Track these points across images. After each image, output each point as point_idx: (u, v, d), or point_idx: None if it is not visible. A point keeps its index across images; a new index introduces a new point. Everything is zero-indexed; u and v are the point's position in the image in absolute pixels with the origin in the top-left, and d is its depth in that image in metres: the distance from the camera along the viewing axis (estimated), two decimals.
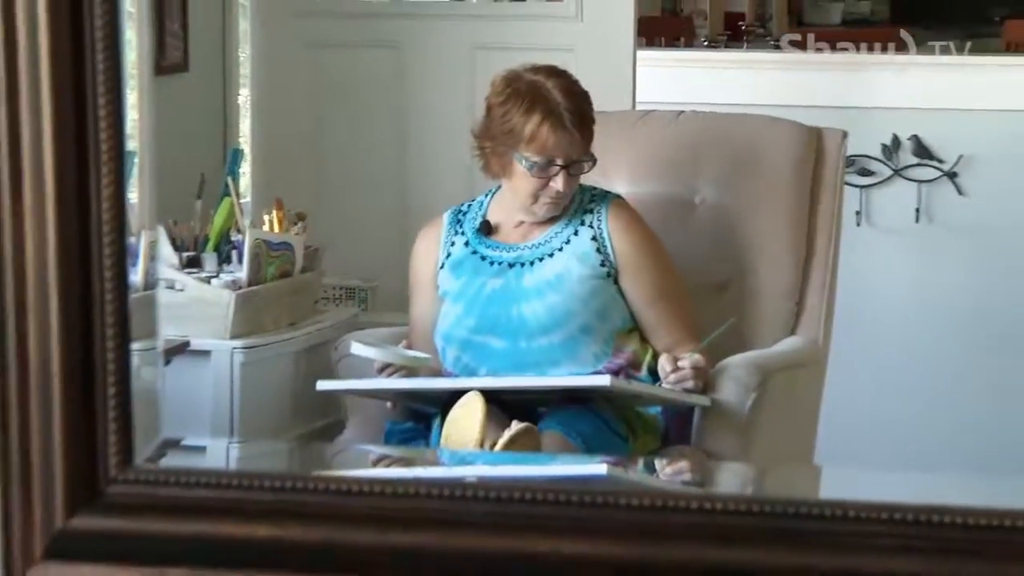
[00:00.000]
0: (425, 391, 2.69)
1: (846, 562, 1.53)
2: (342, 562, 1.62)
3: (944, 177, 2.39)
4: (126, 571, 1.68)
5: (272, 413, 2.33)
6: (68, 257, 1.61)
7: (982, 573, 1.51)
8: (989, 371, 2.15)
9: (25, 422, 1.64)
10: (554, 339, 2.65)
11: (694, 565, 1.53)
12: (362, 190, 2.31)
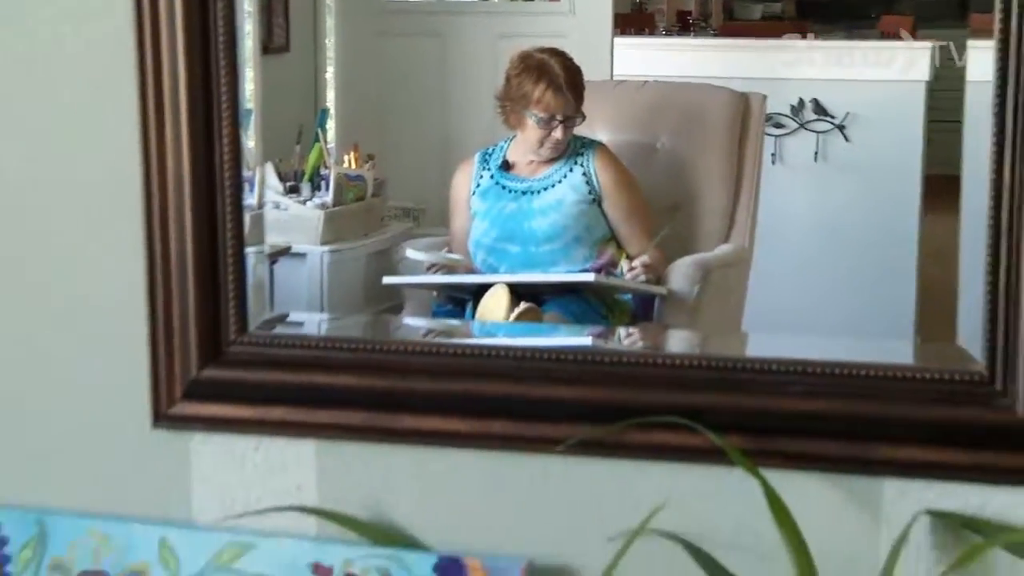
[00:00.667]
0: (461, 284, 2.72)
1: (767, 403, 1.52)
2: (401, 403, 1.62)
3: (835, 129, 2.40)
4: (241, 409, 1.69)
5: (351, 299, 2.35)
6: (199, 182, 1.65)
7: (864, 409, 1.50)
8: (864, 267, 2.17)
9: (168, 301, 1.65)
10: (554, 246, 2.67)
11: (655, 405, 1.52)
12: (415, 138, 2.33)
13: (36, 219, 1.75)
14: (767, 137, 1.71)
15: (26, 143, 1.73)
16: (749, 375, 1.56)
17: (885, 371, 1.53)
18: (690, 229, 1.66)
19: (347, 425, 1.68)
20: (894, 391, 1.52)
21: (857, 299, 1.70)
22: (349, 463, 1.69)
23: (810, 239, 1.65)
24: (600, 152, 2.04)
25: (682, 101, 2.47)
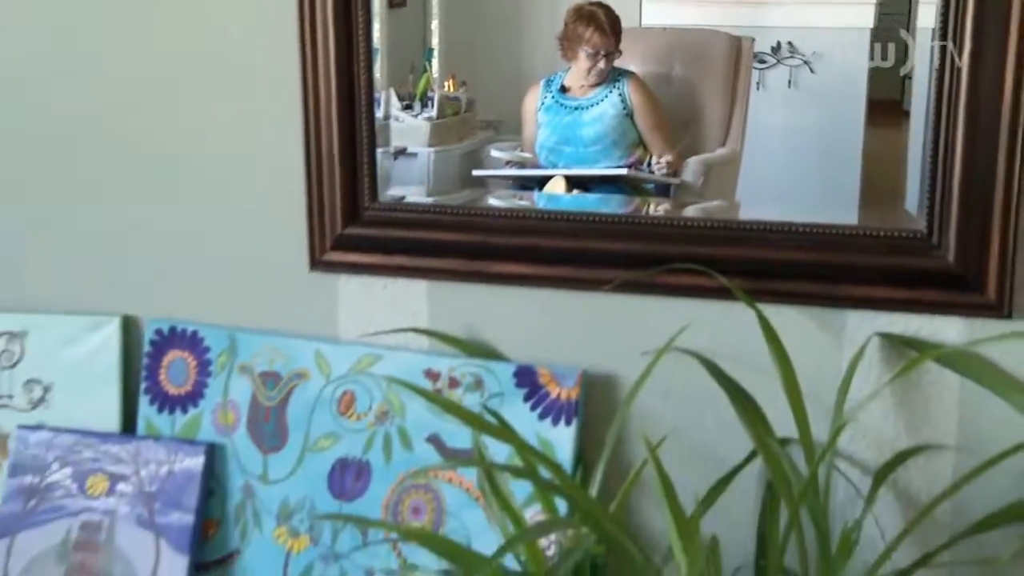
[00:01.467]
0: (530, 175, 2.68)
1: (760, 253, 1.50)
2: (489, 253, 1.60)
3: (803, 64, 2.33)
4: (372, 257, 1.69)
5: (449, 186, 2.31)
6: (343, 98, 1.65)
7: (833, 258, 1.48)
8: (823, 164, 2.10)
9: (320, 181, 1.66)
10: (598, 148, 2.62)
11: (678, 255, 1.50)
12: (497, 69, 2.27)
13: (234, 117, 1.74)
14: (754, 70, 1.67)
15: (222, 72, 1.73)
16: (746, 232, 1.53)
17: (850, 230, 1.50)
18: (697, 137, 1.64)
19: (449, 269, 1.66)
20: (856, 244, 1.49)
21: (817, 186, 1.68)
22: (451, 297, 1.67)
23: (784, 144, 1.63)
24: (632, 79, 1.99)
25: (692, 42, 2.42)
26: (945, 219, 1.43)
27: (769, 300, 1.48)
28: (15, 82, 1.80)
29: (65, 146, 1.80)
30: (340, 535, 1.67)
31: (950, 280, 1.44)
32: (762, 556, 1.45)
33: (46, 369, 1.80)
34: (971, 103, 1.38)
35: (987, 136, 1.38)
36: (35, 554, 1.74)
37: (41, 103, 1.80)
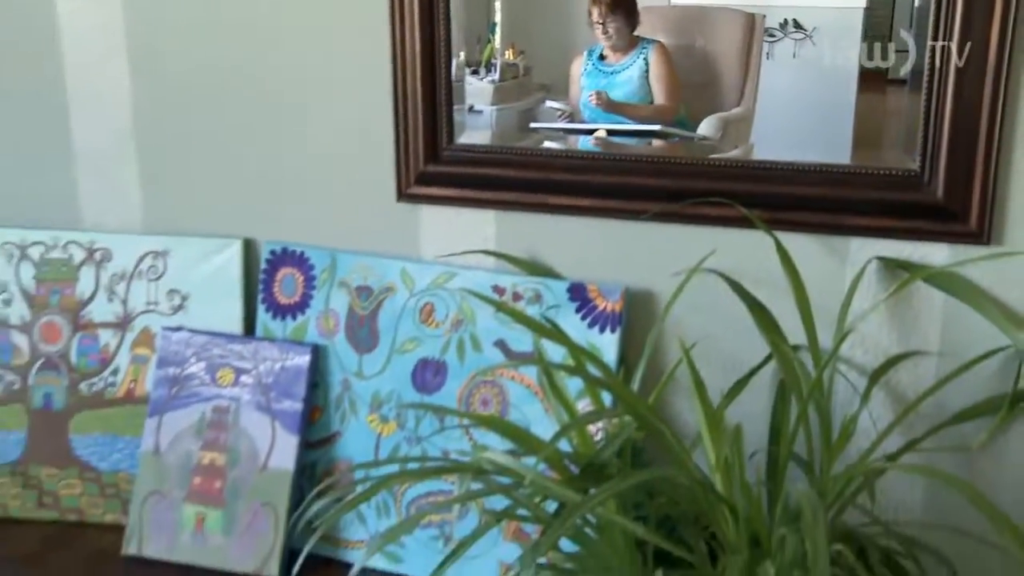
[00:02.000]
0: (577, 129, 2.64)
1: (776, 188, 1.50)
2: (546, 187, 1.60)
3: (806, 38, 2.27)
4: (449, 191, 1.67)
5: (510, 137, 2.28)
6: (424, 61, 1.63)
7: (839, 193, 1.47)
8: (822, 122, 2.03)
9: (407, 126, 1.65)
10: (632, 102, 2.59)
11: (707, 190, 1.48)
12: (549, 40, 2.22)
13: (336, 77, 1.73)
14: (764, 43, 1.63)
15: (327, 39, 1.72)
16: (764, 171, 1.51)
17: (855, 168, 1.47)
18: (716, 98, 1.60)
19: (513, 201, 1.64)
20: (859, 181, 1.46)
21: (817, 137, 1.64)
22: (514, 224, 1.65)
23: (789, 104, 1.58)
24: (656, 46, 1.94)
25: (712, 19, 2.35)
26: (935, 161, 1.40)
27: (783, 228, 1.46)
28: (167, 46, 1.81)
29: (203, 99, 1.80)
30: (421, 422, 1.68)
31: (938, 212, 1.42)
32: (774, 443, 1.44)
33: (184, 282, 1.82)
34: (959, 72, 1.37)
35: (972, 94, 1.36)
36: (179, 430, 1.77)
37: (186, 63, 1.80)
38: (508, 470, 1.29)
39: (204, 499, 1.72)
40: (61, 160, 1.89)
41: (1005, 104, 1.34)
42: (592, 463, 1.31)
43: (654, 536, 1.24)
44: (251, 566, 1.69)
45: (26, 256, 1.86)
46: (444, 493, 1.63)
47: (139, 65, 1.82)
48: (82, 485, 1.84)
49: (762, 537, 1.24)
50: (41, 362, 1.86)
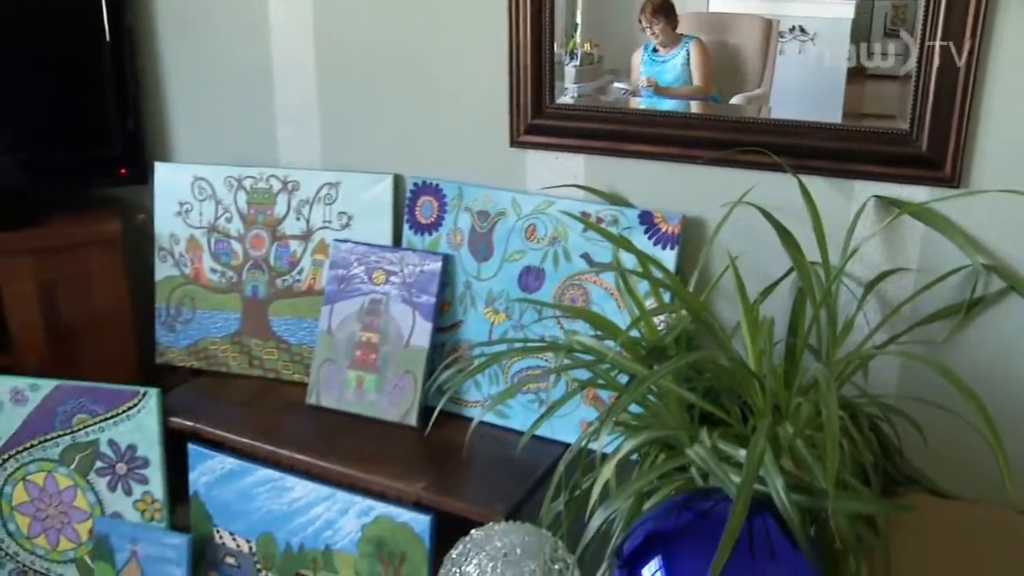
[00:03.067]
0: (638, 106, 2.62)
1: (798, 140, 1.46)
2: (624, 136, 1.61)
3: (809, 40, 2.21)
4: (550, 139, 1.66)
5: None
6: (533, 44, 1.62)
7: (847, 146, 1.43)
8: (817, 104, 1.98)
9: (519, 90, 1.66)
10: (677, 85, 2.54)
11: (746, 141, 1.45)
12: (617, 37, 2.17)
13: (466, 53, 1.72)
14: (778, 42, 1.58)
15: (458, 24, 1.71)
16: (793, 127, 1.49)
17: (861, 128, 1.46)
18: (741, 81, 1.55)
19: (598, 147, 1.64)
20: (864, 138, 1.45)
21: (815, 113, 1.60)
22: (599, 165, 1.66)
23: (795, 89, 1.53)
24: (696, 41, 1.90)
25: (739, 22, 2.29)
26: (921, 123, 1.40)
27: (805, 172, 1.47)
28: (342, 30, 1.83)
29: (367, 68, 1.83)
30: (524, 314, 1.71)
31: (922, 162, 1.41)
32: (791, 335, 1.47)
33: (350, 205, 1.85)
34: (941, 62, 1.36)
35: (950, 78, 1.36)
36: (345, 316, 1.81)
37: (356, 42, 1.83)
38: (592, 349, 1.31)
39: (363, 366, 1.75)
40: (266, 115, 1.93)
41: (975, 86, 1.34)
42: (656, 347, 1.33)
43: (702, 401, 1.26)
44: (396, 416, 1.74)
45: (241, 186, 1.89)
46: (540, 367, 1.65)
47: (321, 45, 1.86)
48: (278, 353, 1.89)
49: (782, 405, 1.26)
50: (250, 263, 1.90)
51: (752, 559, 1.05)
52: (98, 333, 1.95)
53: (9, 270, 1.84)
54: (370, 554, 1.59)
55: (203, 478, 1.74)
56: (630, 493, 1.26)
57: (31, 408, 1.77)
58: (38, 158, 1.93)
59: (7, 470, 1.80)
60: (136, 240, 2.02)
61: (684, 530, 1.13)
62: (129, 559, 1.75)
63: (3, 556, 1.85)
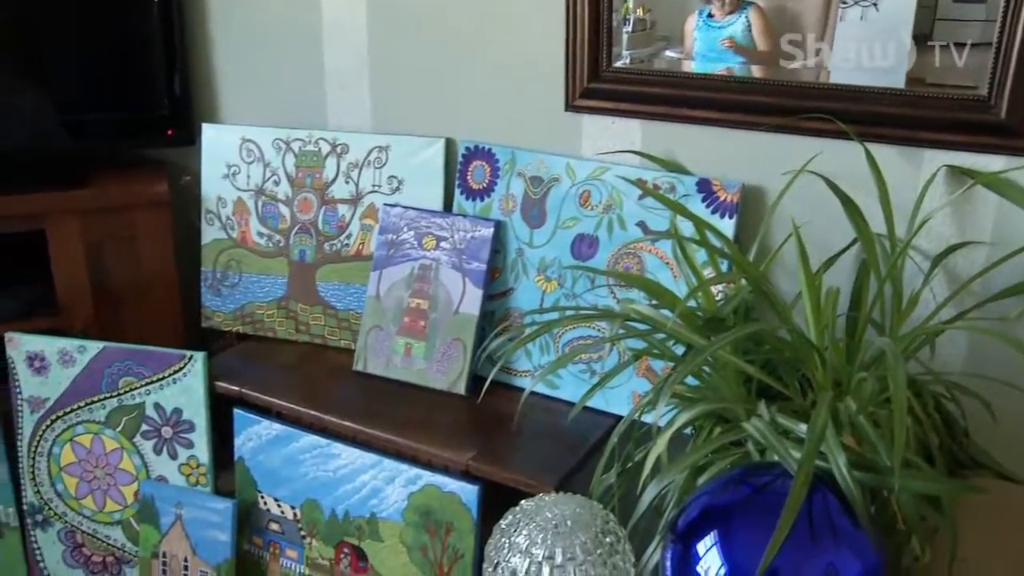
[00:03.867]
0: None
1: (865, 107, 1.44)
2: (682, 102, 1.60)
3: (872, 5, 2.18)
4: (605, 103, 1.65)
5: None
6: (590, 6, 1.53)
7: (917, 113, 1.41)
8: (875, 73, 1.93)
9: (575, 54, 1.65)
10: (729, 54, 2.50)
11: (810, 107, 1.43)
12: (670, 3, 2.14)
13: (523, 17, 1.72)
14: (840, 8, 1.54)
15: None
16: (858, 93, 1.46)
17: (934, 93, 1.42)
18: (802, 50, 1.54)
19: (655, 112, 1.63)
20: (936, 104, 1.42)
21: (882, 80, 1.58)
22: (656, 131, 1.65)
23: (855, 53, 1.49)
24: (754, 8, 1.87)
25: None
26: (1001, 88, 1.36)
27: (870, 140, 1.44)
28: None
29: (418, 30, 1.83)
30: (577, 282, 1.69)
31: (1000, 129, 1.38)
32: (853, 309, 1.43)
33: (400, 169, 1.86)
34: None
35: None
36: (394, 281, 1.82)
37: (407, 4, 1.76)
38: (649, 318, 1.30)
39: (411, 333, 1.76)
40: (316, 77, 1.94)
41: None
42: (714, 317, 1.32)
43: (761, 374, 1.25)
44: (444, 384, 1.75)
45: (290, 148, 1.91)
46: (592, 338, 1.64)
47: (372, 5, 1.87)
48: (325, 318, 1.91)
49: (843, 380, 1.25)
50: (298, 227, 1.92)
51: (812, 537, 1.05)
52: (144, 296, 1.98)
53: (57, 231, 1.88)
54: (416, 523, 1.61)
55: (248, 443, 1.77)
56: (684, 466, 1.26)
57: (78, 370, 1.81)
58: (86, 119, 1.96)
59: (55, 431, 1.85)
60: (182, 202, 2.05)
61: (741, 505, 1.13)
62: (174, 522, 1.79)
63: (52, 516, 1.89)
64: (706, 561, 1.08)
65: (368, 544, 1.67)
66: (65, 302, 1.91)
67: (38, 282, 1.91)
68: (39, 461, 1.87)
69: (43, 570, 1.93)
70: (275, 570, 1.79)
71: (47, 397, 1.83)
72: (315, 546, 1.74)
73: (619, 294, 1.64)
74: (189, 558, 1.79)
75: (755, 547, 1.03)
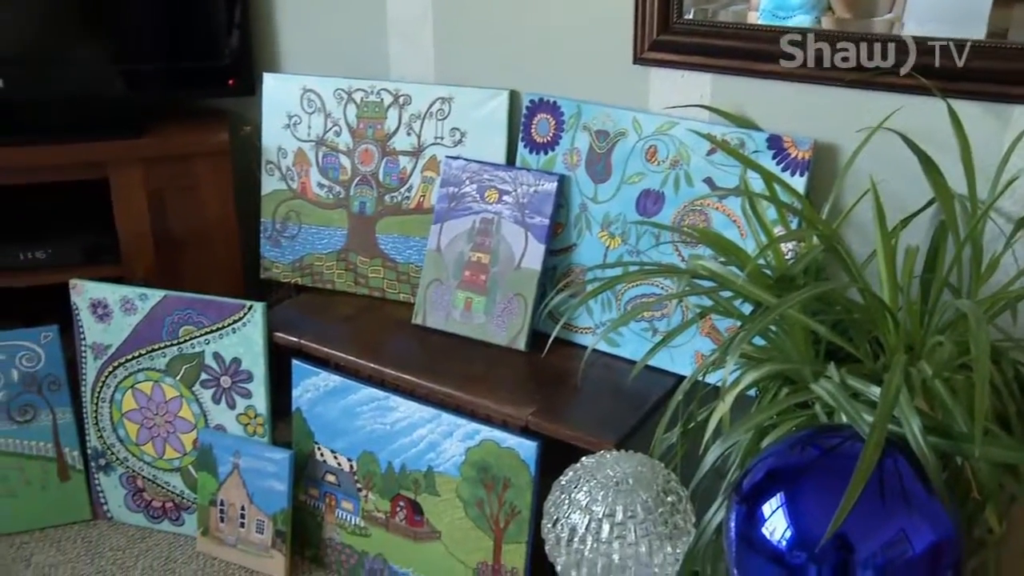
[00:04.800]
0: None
1: (946, 61, 1.38)
2: (756, 56, 1.54)
3: None
4: (675, 56, 1.61)
5: None
6: None
7: (1004, 67, 1.34)
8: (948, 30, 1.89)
9: (644, 4, 1.63)
10: (799, 11, 2.45)
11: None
12: None
13: None
14: None
15: None
16: (941, 46, 1.40)
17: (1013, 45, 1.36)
18: (872, 5, 1.48)
19: (726, 66, 1.59)
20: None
21: None
22: (726, 85, 1.61)
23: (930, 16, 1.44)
24: None
25: None
26: None
27: (954, 95, 1.38)
28: None
29: None
30: (641, 239, 1.67)
31: None
32: (928, 271, 1.38)
33: (463, 122, 1.85)
34: None
35: None
36: (455, 235, 1.82)
37: None
38: (717, 275, 1.29)
39: (471, 287, 1.76)
40: (378, 28, 1.94)
41: None
42: (784, 275, 1.30)
43: (832, 335, 1.23)
44: (504, 340, 1.76)
45: (351, 99, 1.91)
46: (654, 295, 1.63)
47: None
48: (384, 271, 1.92)
49: (916, 344, 1.22)
50: (359, 178, 1.92)
51: (882, 502, 1.03)
52: (204, 245, 2.00)
53: (120, 179, 1.90)
54: (473, 478, 1.62)
55: (306, 395, 1.79)
56: (749, 427, 1.25)
57: (139, 318, 1.84)
58: (148, 69, 1.98)
59: (117, 377, 1.88)
60: (243, 153, 2.06)
61: (809, 467, 1.11)
62: (231, 471, 1.82)
63: (114, 460, 1.94)
64: (771, 523, 1.07)
65: (424, 498, 1.69)
66: (127, 250, 1.94)
67: (101, 230, 1.95)
68: (102, 407, 1.91)
69: (106, 512, 1.98)
70: (330, 521, 1.82)
71: (109, 344, 1.87)
72: (371, 499, 1.76)
73: (684, 252, 1.62)
74: (246, 507, 1.82)
75: (822, 510, 1.02)
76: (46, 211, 2.05)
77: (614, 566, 1.17)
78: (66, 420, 1.91)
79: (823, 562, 1.03)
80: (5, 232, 1.97)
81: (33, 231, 1.97)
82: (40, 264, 1.91)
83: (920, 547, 1.02)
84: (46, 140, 1.86)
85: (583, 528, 1.17)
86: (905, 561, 1.02)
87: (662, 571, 1.18)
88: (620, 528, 1.17)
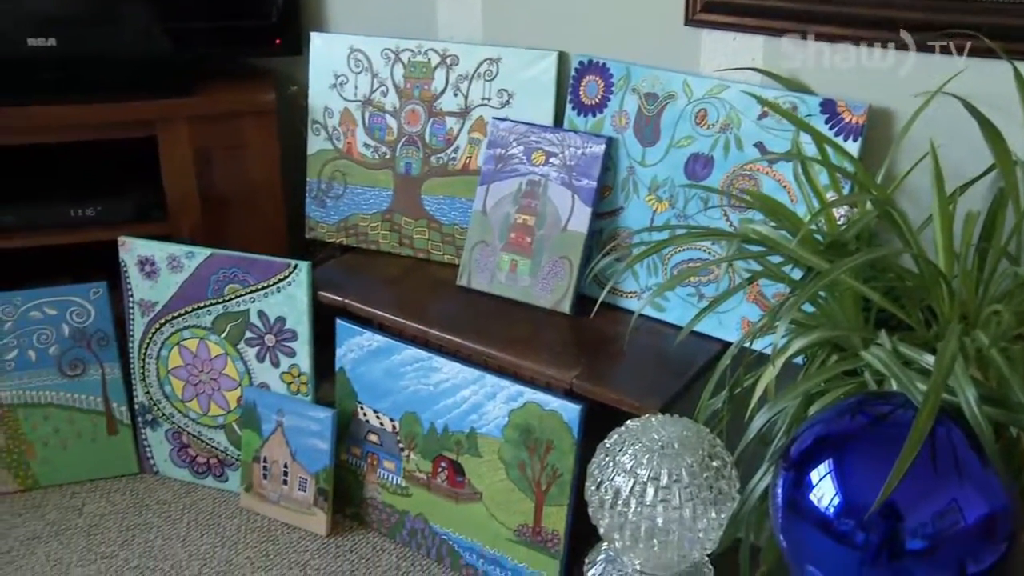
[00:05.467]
0: None
1: (1013, 19, 1.32)
2: (810, 18, 1.51)
3: None
4: (727, 18, 1.58)
5: None
6: None
7: None
8: None
9: None
10: None
11: (947, 23, 1.35)
12: None
13: None
14: None
15: None
16: (1007, 5, 1.36)
17: None
18: None
19: (779, 28, 1.56)
20: None
21: None
22: (778, 48, 1.58)
23: None
24: None
25: None
26: None
27: (1020, 57, 1.33)
28: None
29: None
30: (689, 203, 1.65)
31: None
32: (984, 240, 1.35)
33: (511, 83, 1.84)
34: None
35: None
36: (501, 196, 1.82)
37: None
38: (768, 239, 1.27)
39: (517, 249, 1.76)
40: None
41: None
42: (836, 241, 1.28)
43: (885, 301, 1.21)
44: (549, 303, 1.75)
45: (398, 59, 1.90)
46: (701, 260, 1.61)
47: None
48: (429, 232, 1.92)
49: (971, 313, 1.20)
50: (405, 139, 1.92)
51: (934, 471, 1.02)
52: (250, 204, 2.01)
53: (167, 137, 1.92)
54: (516, 440, 1.63)
55: (350, 354, 1.80)
56: (797, 394, 1.24)
57: (186, 275, 1.86)
58: (195, 27, 1.98)
59: (164, 334, 1.91)
60: (289, 112, 2.06)
61: (858, 434, 1.10)
62: (275, 429, 1.84)
63: (160, 416, 1.97)
64: (819, 490, 1.06)
65: (466, 459, 1.70)
66: (174, 208, 1.96)
67: (149, 189, 1.97)
68: (148, 363, 1.93)
69: (153, 467, 2.01)
70: (372, 481, 1.83)
71: (156, 301, 1.89)
72: (413, 459, 1.77)
73: (733, 217, 1.61)
74: (289, 464, 1.84)
75: (872, 478, 1.01)
76: (96, 169, 2.07)
77: (657, 530, 1.16)
78: (114, 375, 1.94)
79: (871, 530, 1.02)
80: (55, 189, 2.00)
81: (83, 189, 1.99)
82: (89, 221, 1.94)
83: (972, 518, 1.00)
84: (96, 98, 1.88)
85: (627, 491, 1.17)
86: (956, 532, 1.00)
87: (706, 535, 1.18)
88: (664, 492, 1.16)
